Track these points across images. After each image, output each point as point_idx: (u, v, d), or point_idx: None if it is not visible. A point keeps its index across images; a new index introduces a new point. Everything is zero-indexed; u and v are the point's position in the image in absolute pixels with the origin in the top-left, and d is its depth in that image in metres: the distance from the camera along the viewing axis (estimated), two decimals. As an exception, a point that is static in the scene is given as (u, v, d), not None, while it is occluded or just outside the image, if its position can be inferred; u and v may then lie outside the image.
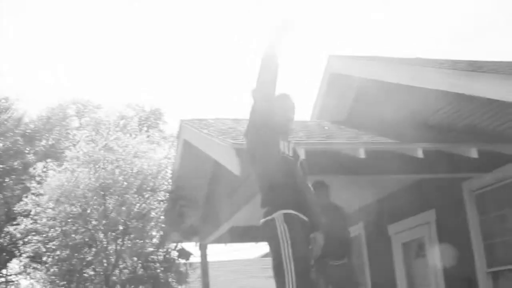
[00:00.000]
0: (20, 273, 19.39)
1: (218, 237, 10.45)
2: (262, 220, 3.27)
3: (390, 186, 7.98)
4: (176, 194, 10.64)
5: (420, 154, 5.67)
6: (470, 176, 6.70)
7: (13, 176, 20.96)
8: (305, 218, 3.24)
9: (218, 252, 22.18)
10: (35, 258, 14.47)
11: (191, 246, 12.28)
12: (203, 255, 11.26)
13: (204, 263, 11.10)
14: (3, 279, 20.56)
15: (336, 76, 9.57)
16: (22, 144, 23.39)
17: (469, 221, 6.93)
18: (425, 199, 7.70)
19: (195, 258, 12.00)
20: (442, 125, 7.13)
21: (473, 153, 5.84)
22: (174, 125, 23.82)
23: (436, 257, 7.55)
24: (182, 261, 12.22)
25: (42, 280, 13.19)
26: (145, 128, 23.33)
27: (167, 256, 12.20)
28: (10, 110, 25.84)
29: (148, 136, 15.71)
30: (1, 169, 21.10)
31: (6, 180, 21.08)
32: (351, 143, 5.59)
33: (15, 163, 21.37)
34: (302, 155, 5.25)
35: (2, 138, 24.11)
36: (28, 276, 18.54)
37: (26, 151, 22.09)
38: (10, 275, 20.37)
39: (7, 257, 19.98)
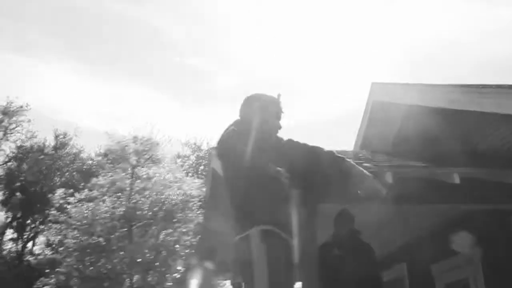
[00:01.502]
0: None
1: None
2: (236, 238, 2.94)
3: (431, 221, 7.45)
4: (206, 226, 10.32)
5: (456, 179, 5.20)
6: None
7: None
8: (287, 236, 2.91)
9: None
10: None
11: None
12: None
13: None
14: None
15: (379, 104, 9.27)
16: (77, 180, 23.96)
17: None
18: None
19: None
20: (492, 151, 6.61)
21: (515, 181, 5.34)
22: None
23: (483, 298, 6.96)
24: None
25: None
26: (201, 167, 23.36)
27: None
28: (68, 146, 26.68)
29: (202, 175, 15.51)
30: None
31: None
32: (377, 166, 5.19)
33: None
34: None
35: (59, 173, 24.82)
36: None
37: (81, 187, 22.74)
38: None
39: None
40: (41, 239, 23.14)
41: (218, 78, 45.27)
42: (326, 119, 48.19)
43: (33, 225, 24.85)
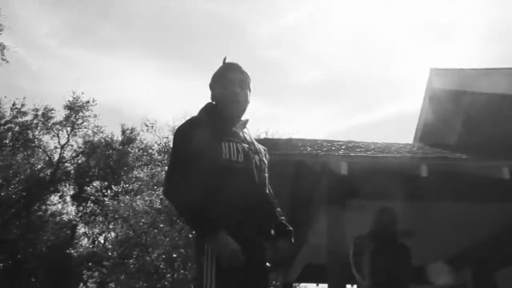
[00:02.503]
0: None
1: (301, 275, 9.57)
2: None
3: (497, 224, 6.73)
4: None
5: (505, 174, 4.54)
6: None
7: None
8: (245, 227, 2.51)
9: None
10: (101, 284, 14.50)
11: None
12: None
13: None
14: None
15: (439, 92, 8.50)
16: (146, 174, 24.45)
17: None
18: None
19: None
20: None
21: None
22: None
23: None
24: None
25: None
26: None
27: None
28: (135, 141, 27.11)
29: None
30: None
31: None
32: (405, 157, 4.61)
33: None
34: (344, 170, 4.49)
35: (126, 168, 25.26)
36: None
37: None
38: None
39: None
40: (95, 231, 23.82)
41: (295, 73, 44.86)
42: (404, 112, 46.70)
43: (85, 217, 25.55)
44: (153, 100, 39.90)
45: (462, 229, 7.14)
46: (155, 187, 11.84)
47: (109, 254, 11.75)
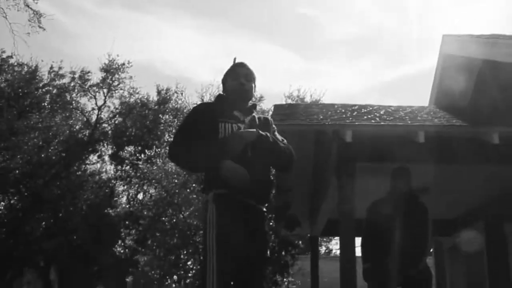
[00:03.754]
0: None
1: (325, 229, 10.23)
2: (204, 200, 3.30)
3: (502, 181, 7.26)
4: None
5: (495, 139, 5.12)
6: None
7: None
8: (244, 192, 3.04)
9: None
10: (138, 241, 15.34)
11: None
12: (314, 247, 11.15)
13: (314, 256, 10.96)
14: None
15: (452, 58, 8.98)
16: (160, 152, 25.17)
17: None
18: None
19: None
20: None
21: None
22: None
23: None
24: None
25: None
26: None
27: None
28: (170, 101, 27.60)
29: None
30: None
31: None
32: (408, 125, 5.21)
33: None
34: (349, 138, 5.10)
35: (162, 128, 25.77)
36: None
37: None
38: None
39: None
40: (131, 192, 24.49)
41: (328, 29, 44.74)
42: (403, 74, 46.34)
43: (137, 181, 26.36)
44: (190, 59, 40.37)
45: (475, 188, 7.67)
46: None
47: (145, 213, 12.54)
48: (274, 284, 12.13)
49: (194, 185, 12.17)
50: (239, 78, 3.34)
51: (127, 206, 13.06)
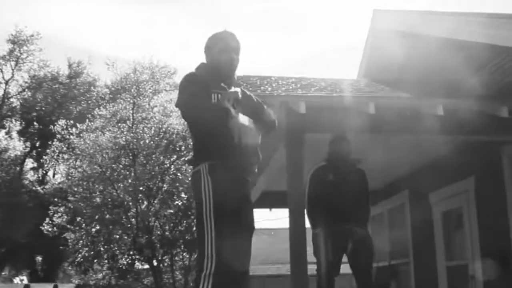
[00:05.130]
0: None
1: (257, 201, 10.28)
2: (191, 172, 3.18)
3: (429, 153, 7.58)
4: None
5: (440, 111, 5.26)
6: (508, 140, 6.18)
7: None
8: (237, 164, 3.04)
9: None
10: (69, 218, 14.86)
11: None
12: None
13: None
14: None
15: (382, 32, 9.15)
16: (93, 109, 24.42)
17: (506, 189, 6.44)
18: (465, 166, 7.36)
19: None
20: (487, 84, 6.57)
21: (504, 112, 5.35)
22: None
23: (474, 227, 7.20)
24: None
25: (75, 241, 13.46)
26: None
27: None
28: (82, 75, 26.76)
29: None
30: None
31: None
32: (358, 97, 5.26)
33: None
34: (302, 109, 5.09)
35: (74, 102, 25.02)
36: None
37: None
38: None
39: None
40: (61, 168, 23.70)
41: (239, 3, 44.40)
42: (333, 48, 47.36)
43: (52, 155, 25.44)
44: (97, 29, 38.73)
45: (401, 157, 7.98)
46: (119, 124, 12.18)
47: (75, 189, 12.13)
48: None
49: (125, 159, 11.86)
50: (231, 52, 3.26)
51: (57, 183, 12.56)
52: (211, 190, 2.94)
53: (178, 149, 11.87)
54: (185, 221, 12.35)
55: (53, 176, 25.38)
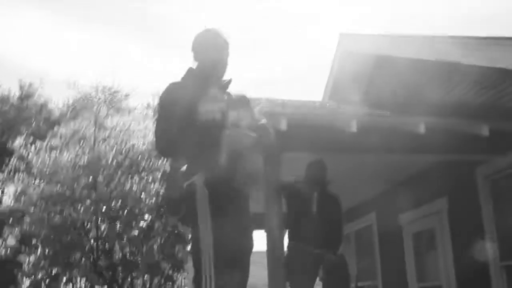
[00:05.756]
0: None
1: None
2: (185, 184, 2.77)
3: (401, 172, 7.49)
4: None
5: (422, 129, 5.13)
6: (484, 160, 6.14)
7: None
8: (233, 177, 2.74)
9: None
10: (24, 240, 14.17)
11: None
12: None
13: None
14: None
15: (348, 55, 9.13)
16: (45, 131, 23.59)
17: (482, 210, 6.38)
18: (437, 186, 7.34)
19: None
20: (459, 103, 6.53)
21: (484, 131, 5.26)
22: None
23: (448, 248, 7.07)
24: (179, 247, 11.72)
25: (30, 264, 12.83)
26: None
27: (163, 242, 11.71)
28: (33, 96, 26.10)
29: None
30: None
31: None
32: (341, 115, 5.08)
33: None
34: (283, 126, 4.87)
35: (26, 124, 24.36)
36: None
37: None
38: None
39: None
40: (11, 189, 22.83)
41: (185, 26, 43.97)
42: (296, 72, 47.74)
43: (8, 174, 24.47)
44: (42, 52, 37.74)
45: (372, 177, 7.85)
46: (80, 142, 11.71)
47: (32, 209, 11.54)
48: (169, 279, 11.71)
49: (86, 179, 11.37)
50: (222, 51, 2.96)
51: (12, 204, 11.89)
52: (208, 208, 2.64)
53: (141, 169, 11.46)
54: (145, 244, 11.96)
55: (2, 197, 24.47)
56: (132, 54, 38.10)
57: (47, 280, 12.25)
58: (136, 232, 11.62)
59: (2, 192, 24.23)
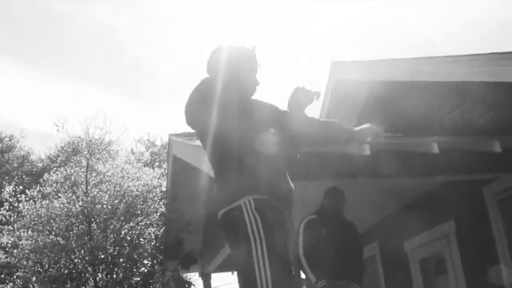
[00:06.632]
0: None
1: (221, 265, 9.67)
2: (222, 211, 2.52)
3: (404, 197, 7.29)
4: (170, 218, 9.85)
5: (435, 149, 4.96)
6: (493, 177, 5.95)
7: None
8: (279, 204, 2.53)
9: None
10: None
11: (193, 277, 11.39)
12: (207, 286, 10.50)
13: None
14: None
15: (342, 82, 8.97)
16: (28, 183, 23.03)
17: (493, 230, 6.21)
18: (443, 208, 7.05)
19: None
20: (462, 122, 6.40)
21: (496, 148, 5.12)
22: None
23: (459, 273, 6.85)
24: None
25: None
26: (157, 163, 22.64)
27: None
28: (15, 149, 25.76)
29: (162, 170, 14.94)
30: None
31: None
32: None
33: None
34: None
35: (7, 177, 23.96)
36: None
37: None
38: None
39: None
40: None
41: (162, 70, 43.58)
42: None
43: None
44: (16, 106, 37.24)
45: (374, 204, 7.63)
46: (72, 188, 11.34)
47: (25, 262, 11.02)
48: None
49: (80, 226, 10.97)
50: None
51: (4, 257, 11.32)
52: (262, 233, 2.37)
53: (138, 212, 11.09)
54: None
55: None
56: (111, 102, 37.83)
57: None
58: (136, 279, 11.18)
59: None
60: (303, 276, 5.29)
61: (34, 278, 11.02)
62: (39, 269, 11.00)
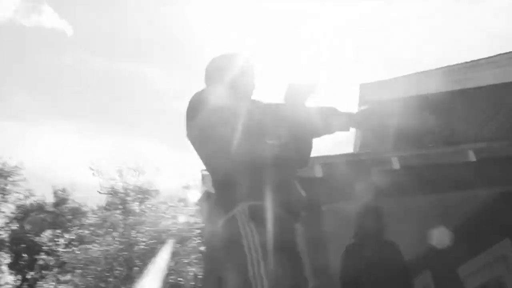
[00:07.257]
0: None
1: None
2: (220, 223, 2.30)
3: (451, 217, 6.67)
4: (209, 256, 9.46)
5: (472, 157, 4.45)
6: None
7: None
8: (282, 210, 2.24)
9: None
10: None
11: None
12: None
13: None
14: None
15: (371, 104, 8.53)
16: (83, 234, 23.39)
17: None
18: (496, 226, 6.34)
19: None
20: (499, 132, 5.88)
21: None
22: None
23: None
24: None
25: None
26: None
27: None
28: (68, 201, 26.38)
29: None
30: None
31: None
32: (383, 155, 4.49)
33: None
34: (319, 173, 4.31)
35: (62, 230, 24.48)
36: None
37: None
38: None
39: None
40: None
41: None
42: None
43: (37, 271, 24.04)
44: (67, 160, 38.02)
45: (419, 228, 7.05)
46: (110, 230, 11.23)
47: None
48: None
49: (120, 269, 10.74)
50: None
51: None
52: (258, 243, 2.09)
53: (176, 249, 10.83)
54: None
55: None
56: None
57: None
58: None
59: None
60: None
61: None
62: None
